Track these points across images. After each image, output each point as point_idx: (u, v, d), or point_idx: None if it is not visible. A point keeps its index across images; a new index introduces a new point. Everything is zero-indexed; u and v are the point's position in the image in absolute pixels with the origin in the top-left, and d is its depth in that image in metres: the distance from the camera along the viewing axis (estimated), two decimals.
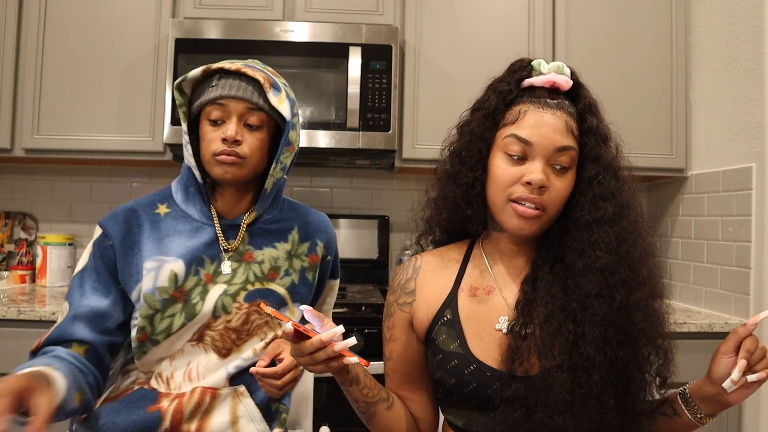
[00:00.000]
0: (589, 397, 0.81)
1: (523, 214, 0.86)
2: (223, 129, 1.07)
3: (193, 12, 2.08)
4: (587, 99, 0.92)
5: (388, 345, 1.01)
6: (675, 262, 2.24)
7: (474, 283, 0.95)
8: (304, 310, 0.84)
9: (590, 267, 0.84)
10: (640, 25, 2.16)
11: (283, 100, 1.10)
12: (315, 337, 0.78)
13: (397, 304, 0.99)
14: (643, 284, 0.85)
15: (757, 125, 1.82)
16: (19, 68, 2.07)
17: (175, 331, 1.06)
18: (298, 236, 1.19)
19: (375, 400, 0.93)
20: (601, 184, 0.88)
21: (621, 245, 0.85)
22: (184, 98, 1.13)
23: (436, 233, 1.04)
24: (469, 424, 0.91)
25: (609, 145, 0.91)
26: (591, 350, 0.81)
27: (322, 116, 2.01)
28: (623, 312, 0.83)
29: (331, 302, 1.33)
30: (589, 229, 0.86)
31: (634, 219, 0.89)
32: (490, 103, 0.92)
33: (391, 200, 2.49)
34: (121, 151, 2.07)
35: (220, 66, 1.09)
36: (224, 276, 1.11)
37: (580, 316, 0.83)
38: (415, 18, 2.13)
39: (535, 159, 0.86)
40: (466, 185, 0.92)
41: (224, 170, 1.07)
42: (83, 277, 1.09)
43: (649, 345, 0.86)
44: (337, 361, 0.80)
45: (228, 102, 1.07)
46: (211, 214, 1.14)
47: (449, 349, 0.90)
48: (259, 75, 1.08)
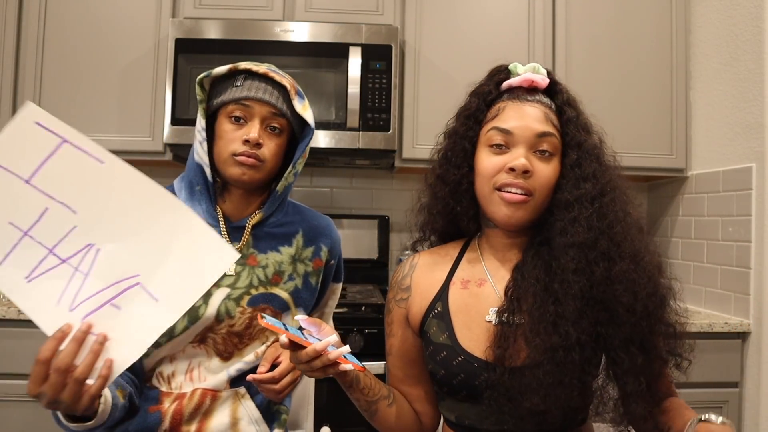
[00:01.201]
0: (570, 378, 0.81)
1: (510, 200, 0.87)
2: (245, 130, 1.06)
3: (193, 12, 2.08)
4: (565, 95, 0.94)
5: (388, 340, 1.04)
6: (675, 262, 2.25)
7: (466, 276, 0.96)
8: (300, 320, 0.87)
9: (571, 244, 0.85)
10: (640, 25, 2.16)
11: (307, 107, 1.11)
12: (309, 347, 0.81)
13: (395, 300, 1.02)
14: (626, 257, 0.84)
15: (757, 125, 1.82)
16: (19, 68, 2.07)
17: (177, 335, 1.05)
18: (303, 240, 1.18)
19: (376, 399, 0.95)
20: (582, 166, 0.89)
21: (602, 220, 0.86)
22: (204, 94, 1.11)
23: (431, 239, 1.06)
24: (461, 417, 0.92)
25: (591, 136, 0.93)
26: (570, 328, 0.81)
27: (322, 116, 2.01)
28: (605, 286, 0.83)
29: (333, 305, 1.32)
30: (570, 207, 0.87)
31: (616, 196, 0.89)
32: (472, 105, 0.96)
33: (391, 200, 2.49)
34: (121, 151, 2.04)
35: (247, 67, 1.08)
36: (228, 279, 1.09)
37: (561, 296, 0.83)
38: (415, 18, 2.13)
39: (517, 147, 0.89)
40: (454, 183, 0.96)
41: (242, 171, 1.06)
42: None
43: (643, 322, 0.83)
44: (333, 368, 0.83)
45: (253, 104, 1.06)
46: (217, 215, 1.12)
47: (439, 341, 0.92)
48: (286, 81, 1.09)
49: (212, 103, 1.10)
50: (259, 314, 0.85)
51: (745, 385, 1.83)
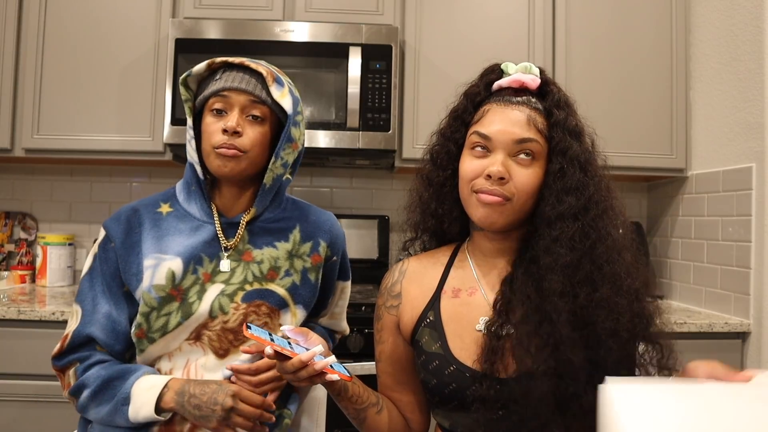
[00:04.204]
0: (572, 401, 0.81)
1: (485, 200, 0.87)
2: (224, 120, 1.07)
3: (193, 12, 2.08)
4: (556, 95, 0.92)
5: (378, 347, 1.03)
6: (675, 262, 2.25)
7: (457, 285, 0.96)
8: (286, 330, 0.88)
9: (554, 264, 0.84)
10: (640, 25, 2.16)
11: (286, 94, 1.10)
12: (295, 358, 0.82)
13: (385, 307, 1.01)
14: (606, 281, 0.83)
15: (757, 125, 1.82)
16: (19, 68, 2.07)
17: (170, 330, 1.05)
18: (300, 236, 1.18)
19: (364, 406, 0.95)
20: (565, 177, 0.87)
21: (584, 240, 0.84)
22: (190, 93, 1.13)
23: (423, 239, 1.05)
24: (454, 425, 0.92)
25: (581, 140, 0.90)
26: (569, 354, 0.81)
27: (322, 116, 2.01)
28: (589, 310, 0.82)
29: (344, 305, 1.32)
30: (552, 224, 0.86)
31: (600, 213, 0.87)
32: (460, 106, 0.96)
33: (391, 200, 2.49)
34: (121, 151, 2.07)
35: (224, 60, 1.10)
36: (222, 275, 1.10)
37: (554, 318, 0.82)
38: (415, 18, 2.13)
39: (495, 152, 0.88)
40: (438, 185, 0.96)
41: (222, 163, 1.06)
42: (92, 280, 1.10)
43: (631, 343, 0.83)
44: (320, 378, 0.84)
45: (230, 94, 1.07)
46: (212, 212, 1.13)
47: (431, 350, 0.91)
48: (262, 69, 1.09)
49: (197, 102, 1.12)
50: (244, 324, 0.86)
51: None
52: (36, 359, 1.70)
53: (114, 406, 1.00)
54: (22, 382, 1.72)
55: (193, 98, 1.14)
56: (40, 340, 1.68)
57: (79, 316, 1.08)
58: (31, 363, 1.71)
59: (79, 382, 1.03)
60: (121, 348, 1.08)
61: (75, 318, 1.08)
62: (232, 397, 1.00)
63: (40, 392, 1.71)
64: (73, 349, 1.06)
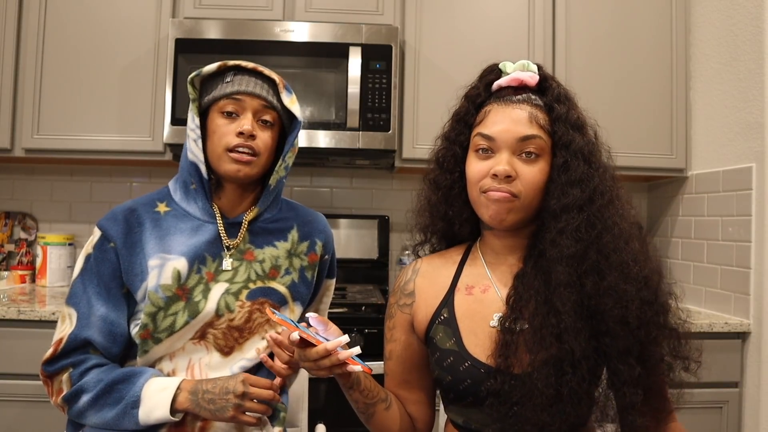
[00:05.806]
0: (569, 389, 0.81)
1: (493, 196, 0.88)
2: (239, 122, 1.08)
3: (193, 12, 2.08)
4: (556, 90, 0.93)
5: (388, 345, 1.03)
6: (675, 262, 2.25)
7: (470, 282, 0.96)
8: (310, 317, 0.88)
9: (560, 256, 0.85)
10: (640, 25, 2.16)
11: (295, 101, 1.14)
12: (320, 346, 0.81)
13: (398, 305, 1.01)
14: (614, 269, 0.83)
15: (757, 125, 1.82)
16: (19, 68, 2.07)
17: (177, 329, 1.06)
18: (298, 235, 1.20)
19: (374, 401, 0.95)
20: (569, 170, 0.88)
21: (590, 231, 0.85)
22: (196, 93, 1.13)
23: (433, 242, 1.06)
24: (468, 422, 0.92)
25: (583, 132, 0.91)
26: (573, 344, 0.81)
27: (322, 116, 2.01)
28: (596, 299, 0.83)
29: (327, 302, 1.33)
30: (558, 217, 0.87)
31: (606, 203, 0.87)
32: (462, 109, 0.97)
33: (391, 200, 2.49)
34: (121, 151, 2.07)
35: (236, 63, 1.11)
36: (225, 274, 1.11)
37: (560, 308, 0.83)
38: (415, 18, 2.13)
39: (500, 152, 0.89)
40: (446, 188, 0.97)
41: (238, 168, 1.08)
42: (85, 282, 1.09)
43: (640, 332, 0.83)
44: (340, 368, 0.83)
45: (245, 98, 1.09)
46: (214, 212, 1.14)
47: (445, 346, 0.92)
48: (275, 75, 1.12)
49: (203, 101, 1.12)
50: (269, 309, 0.86)
51: (745, 385, 1.83)
52: (36, 359, 1.67)
53: (122, 410, 1.00)
54: (22, 382, 1.72)
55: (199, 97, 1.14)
56: (40, 340, 1.68)
57: (73, 320, 1.06)
58: (31, 363, 1.70)
59: (77, 387, 1.02)
60: (118, 350, 1.07)
61: (69, 321, 1.06)
62: (243, 383, 1.01)
63: (40, 392, 1.70)
64: (67, 353, 1.05)
